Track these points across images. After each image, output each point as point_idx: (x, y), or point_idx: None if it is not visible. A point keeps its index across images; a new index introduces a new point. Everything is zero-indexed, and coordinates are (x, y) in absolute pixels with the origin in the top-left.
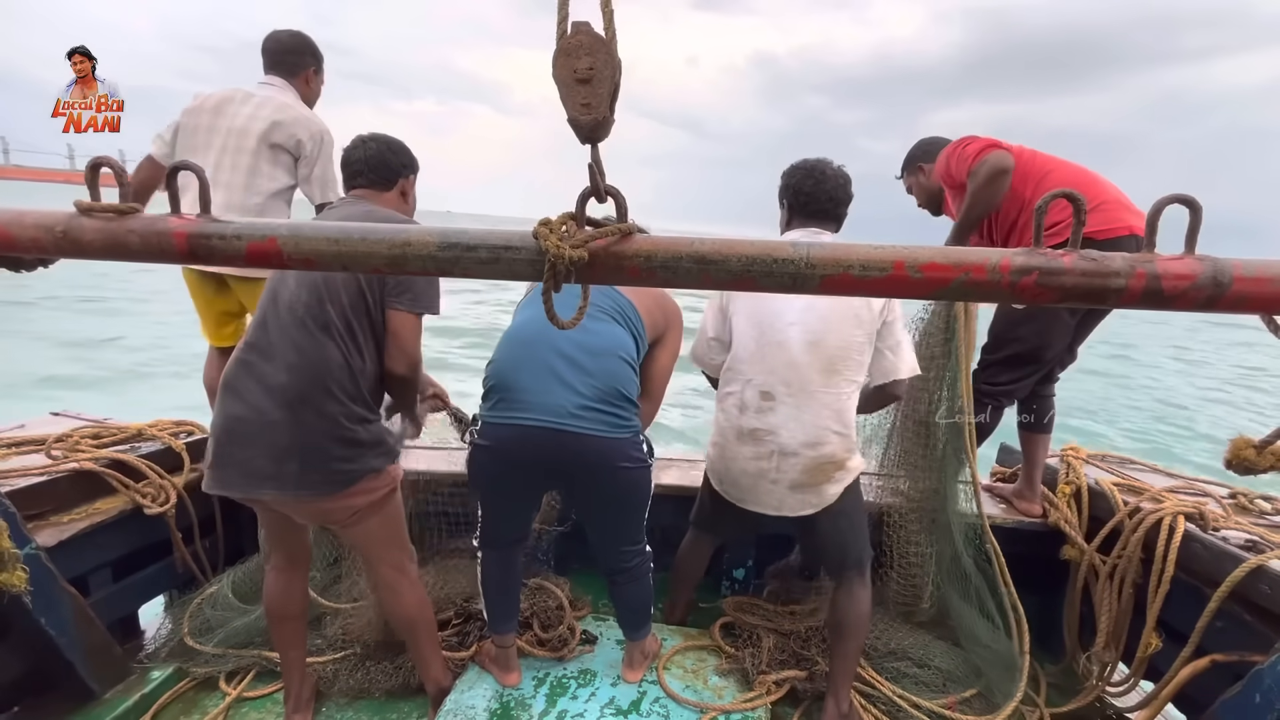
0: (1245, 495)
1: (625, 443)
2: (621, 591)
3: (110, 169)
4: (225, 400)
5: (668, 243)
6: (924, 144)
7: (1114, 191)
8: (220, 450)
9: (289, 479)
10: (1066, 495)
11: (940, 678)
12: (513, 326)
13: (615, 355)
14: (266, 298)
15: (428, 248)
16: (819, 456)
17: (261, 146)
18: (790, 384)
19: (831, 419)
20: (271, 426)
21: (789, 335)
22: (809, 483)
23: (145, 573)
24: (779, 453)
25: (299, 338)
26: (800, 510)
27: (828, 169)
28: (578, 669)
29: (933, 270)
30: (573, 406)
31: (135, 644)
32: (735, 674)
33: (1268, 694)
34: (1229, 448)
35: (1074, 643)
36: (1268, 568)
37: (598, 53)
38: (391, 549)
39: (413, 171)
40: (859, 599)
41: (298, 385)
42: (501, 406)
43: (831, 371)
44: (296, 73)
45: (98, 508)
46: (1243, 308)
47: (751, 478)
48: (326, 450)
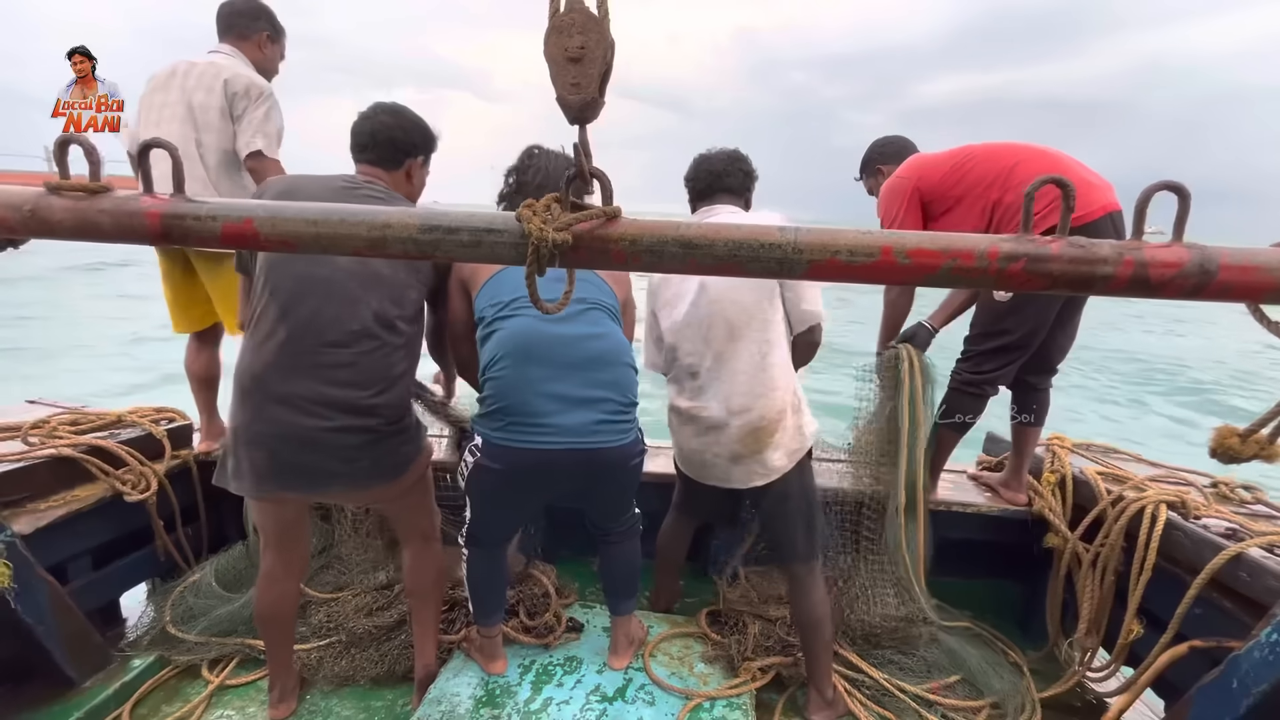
0: (1227, 484)
1: (634, 443)
2: (613, 552)
3: (80, 146)
4: (274, 406)
5: (654, 226)
6: (879, 145)
7: (1081, 170)
8: (275, 457)
9: (360, 473)
10: (1051, 484)
11: (924, 665)
12: (512, 336)
13: (621, 361)
14: (308, 290)
15: (409, 230)
16: (746, 424)
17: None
18: (703, 357)
19: (749, 382)
20: (341, 432)
21: (694, 315)
22: (746, 452)
23: (126, 560)
24: (711, 427)
25: (368, 344)
26: (749, 481)
27: (710, 152)
28: (563, 656)
29: (920, 256)
30: (593, 424)
31: (116, 632)
32: (721, 661)
33: (1244, 679)
34: (1213, 436)
35: (1056, 629)
36: (1247, 555)
37: (590, 31)
38: (425, 517)
39: (424, 152)
40: (810, 598)
41: (366, 392)
42: (515, 430)
43: (736, 337)
44: (248, 36)
45: (76, 495)
46: (1228, 296)
47: (698, 454)
48: (389, 445)
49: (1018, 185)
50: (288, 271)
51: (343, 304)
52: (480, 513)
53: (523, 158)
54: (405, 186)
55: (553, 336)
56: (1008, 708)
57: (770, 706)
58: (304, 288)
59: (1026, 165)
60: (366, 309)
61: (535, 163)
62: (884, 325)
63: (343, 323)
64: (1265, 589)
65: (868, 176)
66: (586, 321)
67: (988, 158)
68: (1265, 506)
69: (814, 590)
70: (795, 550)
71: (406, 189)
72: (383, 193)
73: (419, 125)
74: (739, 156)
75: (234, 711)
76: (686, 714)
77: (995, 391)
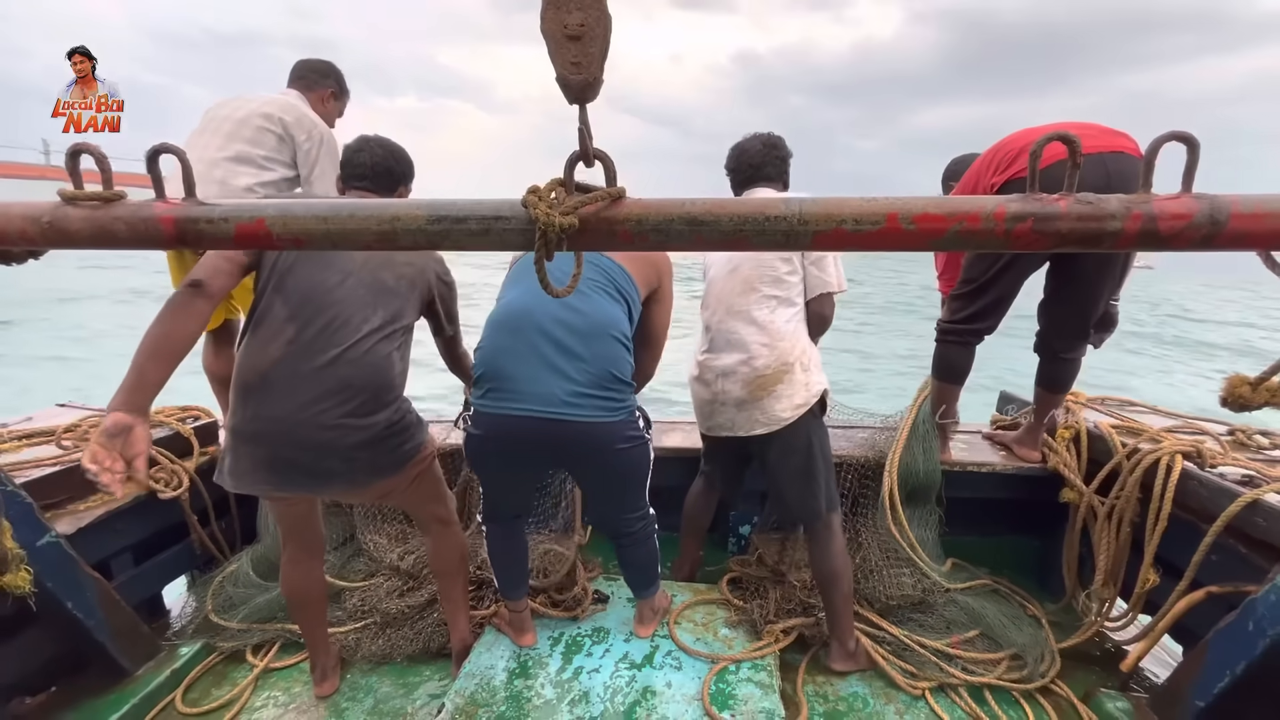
0: (1244, 432)
1: (620, 424)
2: (627, 554)
3: (91, 155)
4: (274, 402)
5: (659, 205)
6: (950, 166)
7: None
8: (274, 454)
9: (359, 470)
10: (1065, 439)
11: (943, 621)
12: (499, 309)
13: (607, 335)
14: (314, 293)
15: (417, 221)
16: (751, 371)
17: (257, 132)
18: (716, 310)
19: (756, 332)
20: (339, 430)
21: (715, 273)
22: (749, 398)
23: (165, 555)
24: (720, 375)
25: (367, 346)
26: (752, 428)
27: (746, 141)
28: (591, 627)
29: (926, 221)
30: (565, 394)
31: (161, 623)
32: (744, 625)
33: (1260, 622)
34: (1224, 385)
35: (1073, 582)
36: (1263, 501)
37: (589, 8)
38: (437, 504)
39: (411, 179)
40: (828, 550)
41: (366, 394)
42: (493, 396)
43: (749, 290)
44: (314, 88)
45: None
46: (1241, 244)
47: (708, 404)
48: (388, 443)
49: (1005, 151)
50: (299, 274)
51: (353, 309)
52: (484, 484)
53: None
54: None
55: (533, 306)
56: (1028, 659)
57: (795, 666)
58: (314, 292)
59: (1018, 135)
60: (375, 316)
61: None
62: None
63: (351, 327)
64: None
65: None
66: (581, 297)
67: (999, 145)
68: None
69: (831, 543)
70: (808, 507)
71: None
72: None
73: (406, 155)
74: (773, 143)
75: (280, 692)
76: (713, 677)
77: (977, 339)
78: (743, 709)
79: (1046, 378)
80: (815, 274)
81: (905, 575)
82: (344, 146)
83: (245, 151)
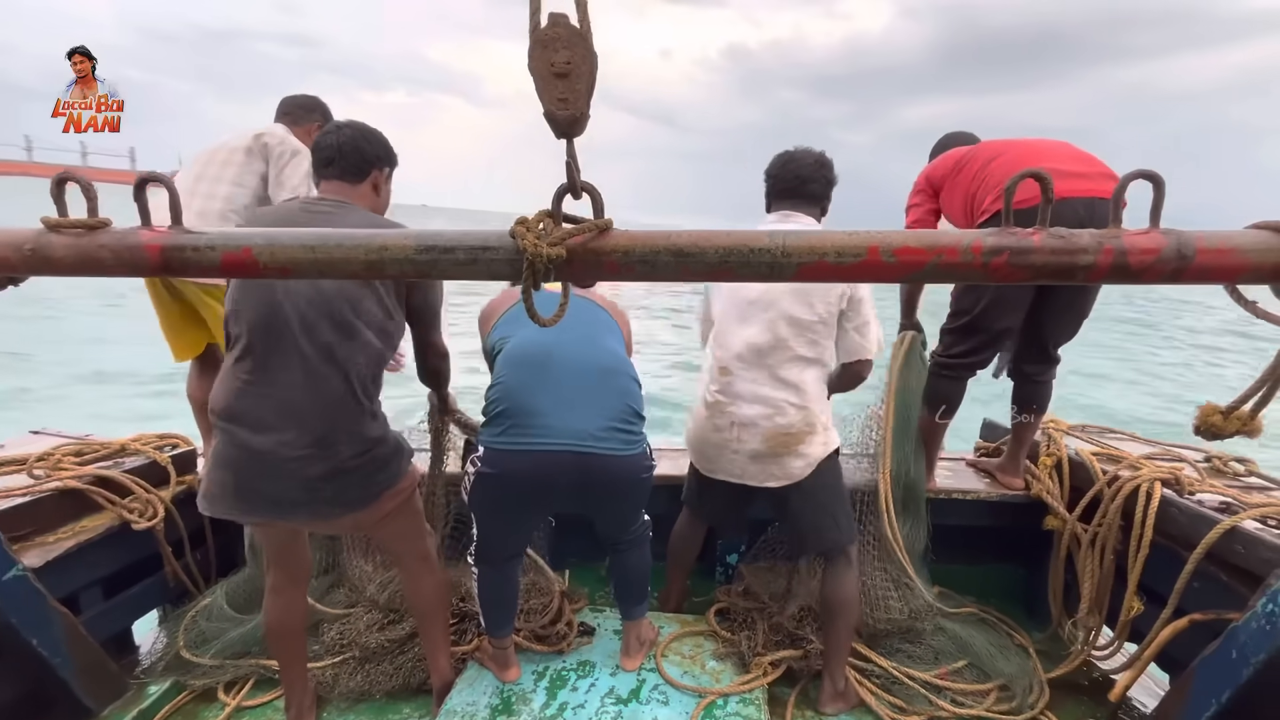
0: (1220, 459)
1: (640, 456)
2: (623, 560)
3: (77, 183)
4: (239, 429)
5: (645, 237)
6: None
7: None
8: (240, 480)
9: (324, 502)
10: (1048, 467)
11: (931, 652)
12: (516, 347)
13: (625, 374)
14: (268, 318)
15: (405, 251)
16: (775, 427)
17: (229, 153)
18: (746, 359)
19: (788, 392)
20: (303, 459)
21: (749, 314)
22: (768, 453)
23: (137, 588)
24: (738, 423)
25: (325, 369)
26: (764, 481)
27: (799, 152)
28: (576, 661)
29: (906, 254)
30: (595, 429)
31: (131, 660)
32: (732, 657)
33: (1244, 649)
34: (1197, 414)
35: (1059, 610)
36: (1241, 528)
37: (576, 46)
38: (416, 540)
39: (388, 164)
40: (843, 581)
41: (327, 417)
42: (515, 432)
43: (784, 348)
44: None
45: (84, 525)
46: (1207, 278)
47: (716, 447)
48: (356, 472)
49: (990, 180)
50: (250, 297)
51: (300, 330)
52: (484, 527)
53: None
54: (371, 199)
55: (557, 346)
56: (1016, 689)
57: (783, 700)
58: (263, 313)
59: (1003, 159)
60: (321, 331)
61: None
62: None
63: (300, 346)
64: (1260, 560)
65: None
66: (589, 337)
67: (980, 152)
68: (1259, 479)
69: (849, 572)
70: (827, 539)
71: (373, 201)
72: (334, 207)
73: (381, 138)
74: (826, 163)
75: None
76: (701, 711)
77: (971, 373)
78: None
79: (1021, 401)
80: (857, 340)
81: (893, 599)
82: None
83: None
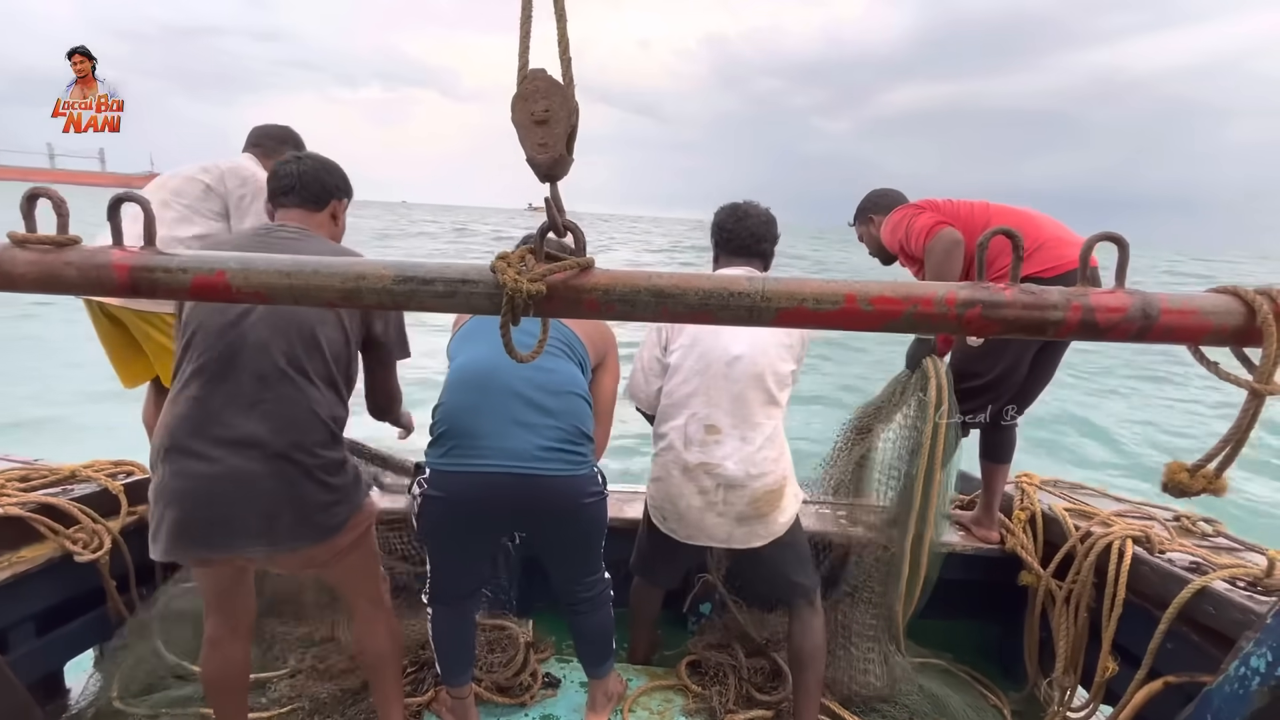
0: (1188, 518)
1: (585, 479)
2: (584, 622)
3: (49, 200)
4: (185, 460)
5: (625, 276)
6: (874, 196)
7: (1054, 229)
8: (188, 513)
9: (281, 533)
10: (1022, 521)
11: (906, 712)
12: (461, 367)
13: (572, 393)
14: (224, 339)
15: (383, 281)
16: (763, 487)
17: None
18: (734, 415)
19: (770, 447)
20: (255, 484)
21: (736, 369)
22: (755, 514)
23: (73, 625)
24: (725, 486)
25: (280, 389)
26: (750, 542)
27: (751, 209)
28: (540, 714)
29: (883, 303)
30: (535, 449)
31: (59, 704)
32: (703, 714)
33: (1217, 714)
34: (1164, 471)
35: (1035, 669)
36: (1211, 589)
37: (553, 96)
38: (370, 582)
39: (346, 195)
40: (811, 628)
41: (282, 439)
42: (457, 453)
43: (771, 402)
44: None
45: (22, 556)
46: (1171, 338)
47: (698, 512)
48: (315, 499)
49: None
50: (202, 321)
51: (253, 351)
52: (435, 557)
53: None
54: (330, 228)
55: (499, 364)
56: None
57: None
58: (216, 336)
59: (999, 219)
60: (276, 352)
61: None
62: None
63: (254, 367)
64: (1231, 622)
65: (859, 224)
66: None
67: (969, 214)
68: (1225, 539)
69: (815, 619)
70: (798, 587)
71: (331, 230)
72: (295, 234)
73: (340, 170)
74: (773, 220)
75: None
76: None
77: (966, 434)
78: None
79: (989, 449)
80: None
81: (874, 666)
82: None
83: (168, 202)
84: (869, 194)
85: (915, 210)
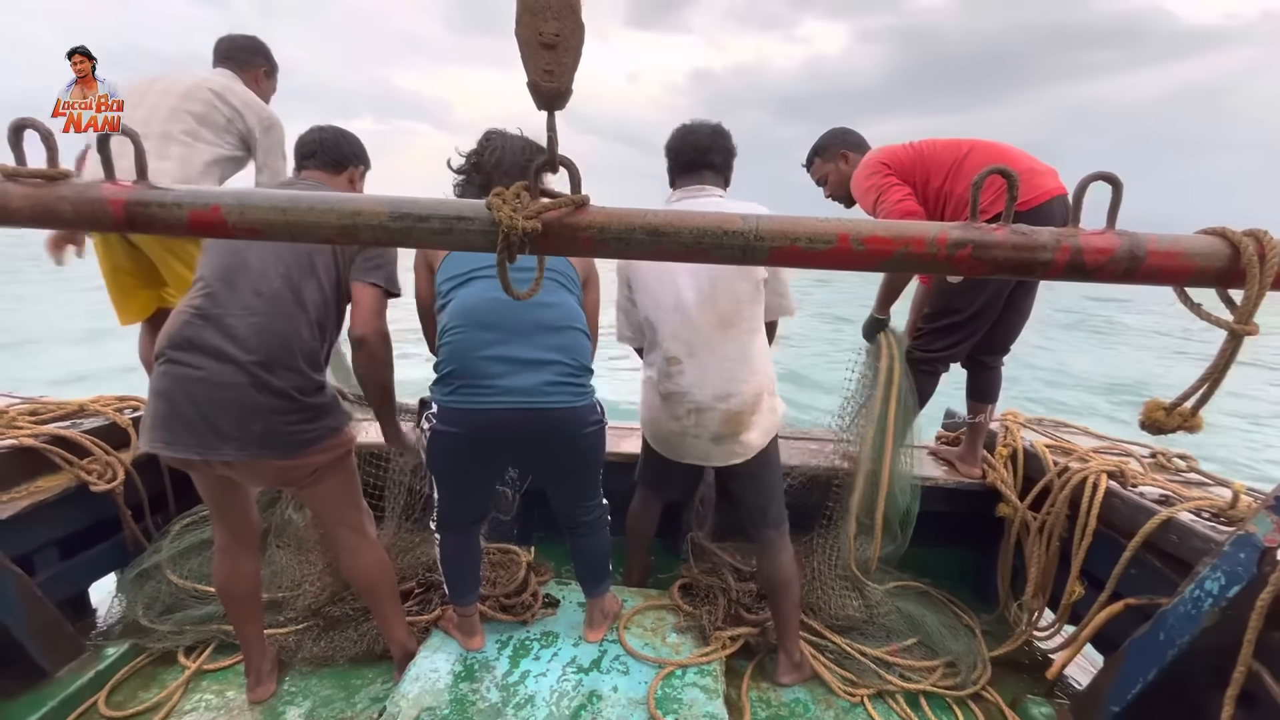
0: (1164, 454)
1: (587, 409)
2: (582, 544)
3: (36, 131)
4: (180, 356)
5: (621, 214)
6: (841, 133)
7: (1026, 160)
8: (173, 409)
9: (252, 439)
10: (1004, 457)
11: (883, 630)
12: (464, 304)
13: (572, 327)
14: (228, 260)
15: (379, 217)
16: (730, 408)
17: (206, 107)
18: (691, 344)
19: (736, 368)
20: (237, 388)
21: (684, 299)
22: (728, 433)
23: (94, 550)
24: (695, 410)
25: (274, 308)
26: (728, 460)
27: (697, 124)
28: (540, 631)
29: (875, 243)
30: (542, 385)
31: (87, 622)
32: (693, 631)
33: (1170, 632)
34: (1142, 410)
35: (1006, 593)
36: (1176, 519)
37: (565, 18)
38: (349, 510)
39: (364, 163)
40: (781, 559)
41: (267, 352)
42: (465, 392)
43: (727, 325)
44: (246, 69)
45: (40, 485)
46: (1156, 279)
47: (677, 435)
48: (290, 414)
49: (966, 175)
50: (216, 248)
51: (254, 269)
52: (443, 487)
53: (481, 141)
54: (348, 191)
55: (503, 302)
56: (961, 666)
57: (739, 672)
58: (225, 259)
59: (975, 156)
60: (274, 274)
61: (492, 144)
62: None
63: (253, 284)
64: (1191, 549)
65: (825, 160)
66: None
67: (945, 148)
68: (1198, 474)
69: (783, 552)
70: (767, 517)
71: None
72: (313, 187)
73: (359, 140)
74: (723, 132)
75: (213, 695)
76: (659, 682)
77: (945, 368)
78: (687, 713)
79: (976, 389)
80: (778, 301)
81: (851, 598)
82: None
83: (194, 128)
84: (833, 131)
85: (891, 180)
